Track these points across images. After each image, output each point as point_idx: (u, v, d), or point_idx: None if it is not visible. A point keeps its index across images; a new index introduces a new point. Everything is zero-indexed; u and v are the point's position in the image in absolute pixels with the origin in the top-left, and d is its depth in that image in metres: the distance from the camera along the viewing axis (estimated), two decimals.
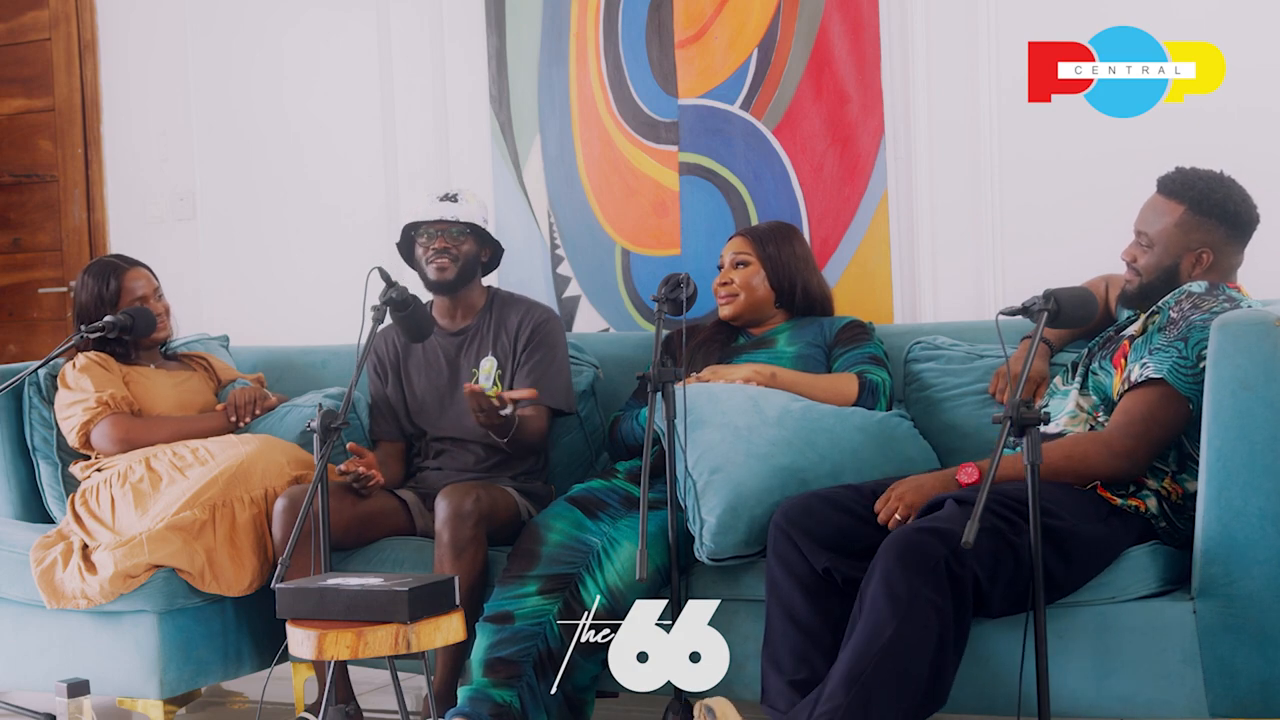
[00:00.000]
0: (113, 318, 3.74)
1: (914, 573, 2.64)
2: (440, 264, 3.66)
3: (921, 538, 2.69)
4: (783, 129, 4.01)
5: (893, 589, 2.65)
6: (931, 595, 2.64)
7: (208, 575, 3.42)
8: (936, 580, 2.64)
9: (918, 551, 2.66)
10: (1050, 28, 3.51)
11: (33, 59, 5.29)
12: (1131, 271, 3.08)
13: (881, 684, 2.61)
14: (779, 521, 2.95)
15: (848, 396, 3.39)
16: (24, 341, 5.38)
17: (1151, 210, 3.05)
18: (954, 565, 2.65)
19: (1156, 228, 3.02)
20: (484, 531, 3.31)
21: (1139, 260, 3.06)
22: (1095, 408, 2.99)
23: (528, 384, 3.61)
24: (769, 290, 3.61)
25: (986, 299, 3.81)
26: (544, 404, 3.63)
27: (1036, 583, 2.59)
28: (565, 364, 3.72)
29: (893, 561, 2.67)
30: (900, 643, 2.62)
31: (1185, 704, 2.76)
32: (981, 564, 2.68)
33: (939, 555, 2.65)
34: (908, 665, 2.62)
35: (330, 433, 3.03)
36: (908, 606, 2.63)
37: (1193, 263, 3.00)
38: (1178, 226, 3.00)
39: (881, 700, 2.61)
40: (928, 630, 2.64)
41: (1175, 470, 2.91)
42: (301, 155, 4.78)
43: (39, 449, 3.89)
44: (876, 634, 2.64)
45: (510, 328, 3.71)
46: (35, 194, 5.34)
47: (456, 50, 4.50)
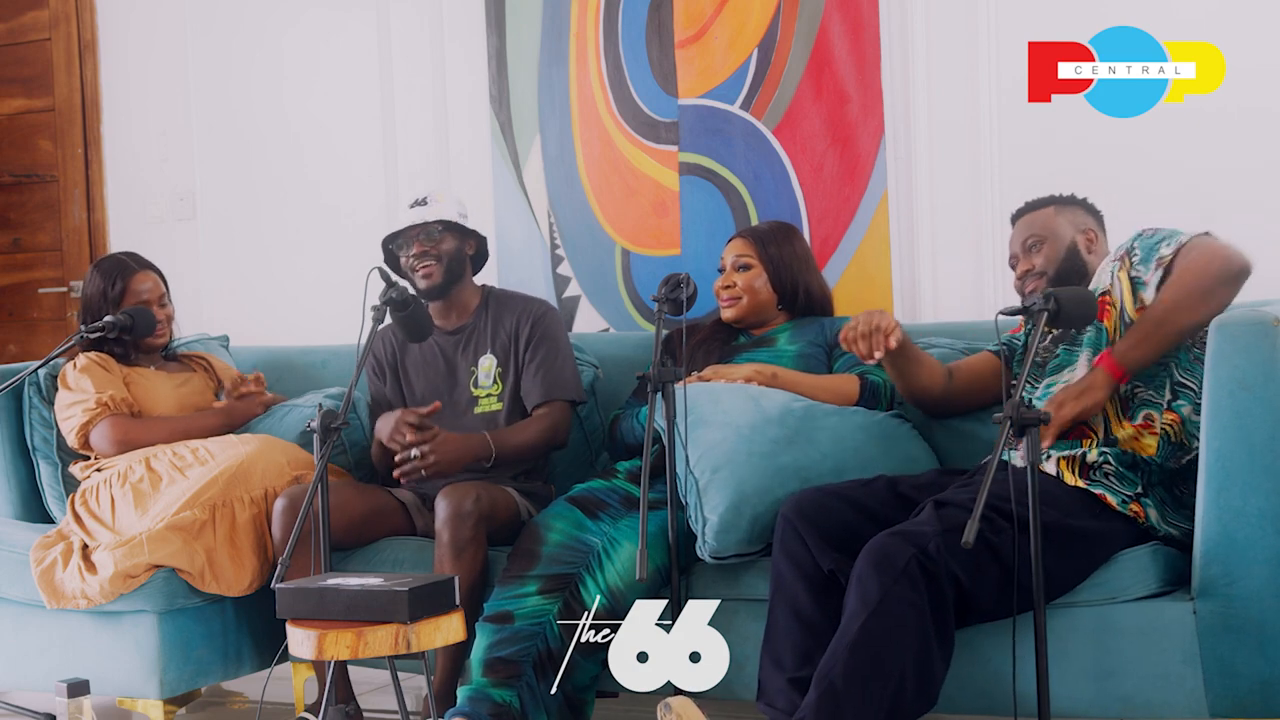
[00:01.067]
0: (113, 318, 3.74)
1: (884, 573, 2.66)
2: (425, 269, 3.65)
3: (890, 541, 2.71)
4: (783, 129, 4.01)
5: (865, 591, 2.67)
6: (905, 593, 2.65)
7: (208, 575, 3.42)
8: (909, 579, 2.65)
9: (886, 554, 2.68)
10: (1050, 28, 3.51)
11: (33, 59, 5.29)
12: (1034, 280, 3.20)
13: (850, 679, 2.61)
14: (788, 515, 2.93)
15: (849, 397, 3.39)
16: (24, 341, 5.39)
17: (1024, 226, 3.27)
18: (926, 563, 2.66)
19: (1036, 225, 3.23)
20: (484, 531, 3.31)
21: (1037, 263, 3.21)
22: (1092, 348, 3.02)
23: (535, 381, 3.63)
24: (772, 293, 3.61)
25: (986, 299, 3.81)
26: (558, 398, 3.64)
27: (1036, 582, 2.58)
28: (570, 354, 3.72)
29: (866, 568, 2.69)
30: (867, 636, 2.63)
31: (1185, 704, 2.75)
32: (960, 564, 2.68)
33: (907, 555, 2.66)
34: (879, 658, 2.63)
35: (330, 433, 3.03)
36: (877, 603, 2.64)
37: (1086, 243, 3.18)
38: (1056, 214, 3.23)
39: (853, 696, 2.61)
40: (903, 626, 2.64)
41: (1170, 399, 2.91)
42: (301, 155, 4.79)
43: (39, 449, 3.89)
44: (845, 632, 2.66)
45: (508, 325, 3.70)
46: (35, 194, 5.34)
47: (456, 50, 4.51)
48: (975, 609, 2.75)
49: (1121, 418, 2.93)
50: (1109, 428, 2.94)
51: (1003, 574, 2.71)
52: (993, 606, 2.75)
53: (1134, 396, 2.93)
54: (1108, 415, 2.95)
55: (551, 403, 3.62)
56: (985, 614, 2.77)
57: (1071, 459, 2.91)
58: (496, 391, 3.67)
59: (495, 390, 3.68)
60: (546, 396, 3.63)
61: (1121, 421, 2.93)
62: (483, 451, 3.50)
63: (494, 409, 3.65)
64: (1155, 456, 2.89)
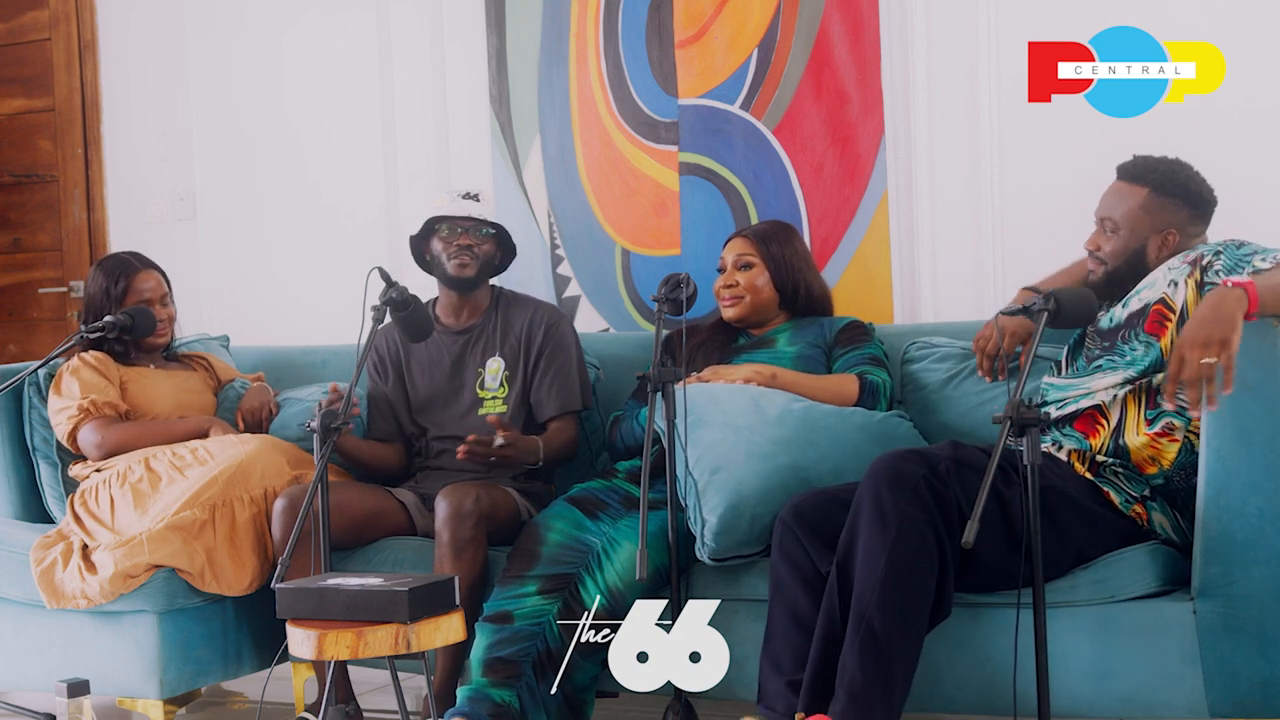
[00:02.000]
0: (113, 318, 3.73)
1: (897, 491, 2.72)
2: (462, 260, 3.66)
3: (902, 459, 2.78)
4: (783, 129, 4.01)
5: (882, 512, 2.72)
6: (918, 514, 2.71)
7: (207, 575, 3.42)
8: (920, 500, 2.72)
9: (899, 472, 2.75)
10: (1050, 28, 3.51)
11: (33, 59, 5.29)
12: (1096, 260, 3.10)
13: (886, 614, 2.67)
14: (786, 519, 2.94)
15: (848, 397, 3.39)
16: (24, 341, 5.38)
17: (1114, 196, 3.08)
18: (935, 484, 2.73)
19: (1120, 211, 3.05)
20: (484, 531, 3.31)
21: (1104, 248, 3.08)
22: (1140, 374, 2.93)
23: (551, 394, 3.65)
24: (774, 292, 3.61)
25: (986, 299, 3.81)
26: (572, 410, 3.67)
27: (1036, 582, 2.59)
28: (582, 364, 3.75)
29: (880, 484, 2.75)
30: (893, 569, 2.69)
31: (1185, 704, 2.75)
32: (967, 497, 2.70)
33: (918, 474, 2.73)
34: (908, 590, 2.69)
35: (330, 433, 3.03)
36: (897, 530, 2.70)
37: (1159, 245, 3.03)
38: (1143, 209, 3.04)
39: (890, 632, 2.67)
40: (924, 551, 2.71)
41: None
42: (301, 155, 4.78)
43: (39, 449, 3.89)
44: (871, 563, 2.71)
45: (518, 329, 3.71)
46: (35, 194, 5.34)
47: (456, 50, 4.50)
48: (977, 568, 2.77)
49: (1140, 419, 2.90)
50: (1123, 427, 2.92)
51: (1007, 530, 2.73)
52: (994, 565, 2.76)
53: (1163, 390, 2.84)
54: (1125, 411, 2.92)
55: (565, 416, 3.66)
56: (985, 574, 2.79)
57: (1082, 454, 2.91)
58: (502, 395, 3.68)
59: (501, 394, 3.68)
60: (562, 410, 3.65)
61: (1139, 428, 2.90)
62: (536, 455, 3.53)
63: (498, 411, 3.65)
64: (1168, 468, 2.88)
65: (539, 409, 3.67)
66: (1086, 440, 2.92)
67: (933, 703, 2.89)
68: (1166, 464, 2.88)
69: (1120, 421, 2.91)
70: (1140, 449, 2.89)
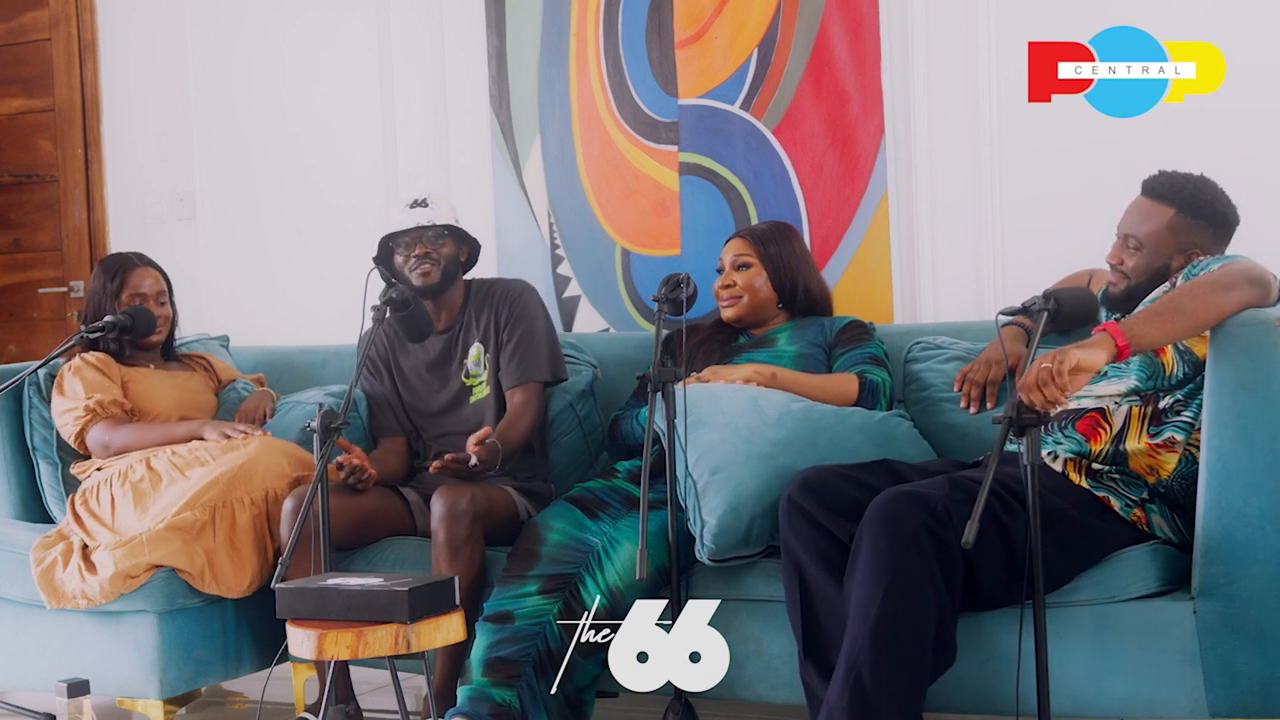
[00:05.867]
0: (112, 318, 3.74)
1: (893, 537, 2.66)
2: (423, 270, 3.66)
3: (897, 501, 2.70)
4: (783, 129, 4.01)
5: (877, 560, 2.67)
6: (915, 560, 2.65)
7: (207, 576, 3.42)
8: (919, 547, 2.66)
9: (895, 516, 2.68)
10: (1050, 28, 3.51)
11: (33, 59, 5.29)
12: (1118, 274, 3.08)
13: (876, 670, 2.62)
14: (793, 495, 2.90)
15: (848, 397, 3.39)
16: (24, 341, 5.39)
17: (1139, 213, 3.05)
18: (934, 527, 2.66)
19: (1146, 230, 3.03)
20: (480, 530, 3.31)
21: (1127, 263, 3.06)
22: (1142, 385, 2.93)
23: (512, 365, 3.64)
24: (772, 291, 3.61)
25: (986, 299, 3.81)
26: (532, 379, 3.64)
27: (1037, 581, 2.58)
28: (546, 333, 3.71)
29: (876, 530, 2.69)
30: (886, 619, 2.63)
31: (1185, 704, 2.75)
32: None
33: (917, 520, 2.67)
34: (901, 641, 2.63)
35: (330, 433, 3.03)
36: (890, 579, 2.64)
37: (1182, 264, 3.00)
38: (1169, 229, 3.01)
39: (881, 686, 2.61)
40: (921, 600, 2.65)
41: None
42: (301, 155, 4.79)
43: (39, 449, 3.89)
44: (864, 615, 2.65)
45: (489, 312, 3.72)
46: (35, 194, 5.34)
47: (456, 50, 4.51)
48: (981, 592, 2.75)
49: (1143, 431, 2.90)
50: (1124, 434, 2.91)
51: (1009, 559, 2.71)
52: (999, 591, 2.75)
53: (1172, 410, 2.88)
54: (1129, 420, 2.91)
55: (526, 385, 3.63)
56: (990, 598, 2.77)
57: (1078, 460, 2.91)
58: (485, 376, 3.69)
59: (484, 375, 3.69)
60: (520, 379, 3.63)
61: (1141, 435, 2.90)
62: (496, 456, 3.49)
63: (484, 395, 3.66)
64: (1167, 479, 2.88)
65: (504, 381, 3.66)
66: (1087, 444, 2.92)
67: (933, 702, 2.89)
68: (1165, 474, 2.88)
69: (1123, 429, 2.91)
70: (1139, 455, 2.89)
